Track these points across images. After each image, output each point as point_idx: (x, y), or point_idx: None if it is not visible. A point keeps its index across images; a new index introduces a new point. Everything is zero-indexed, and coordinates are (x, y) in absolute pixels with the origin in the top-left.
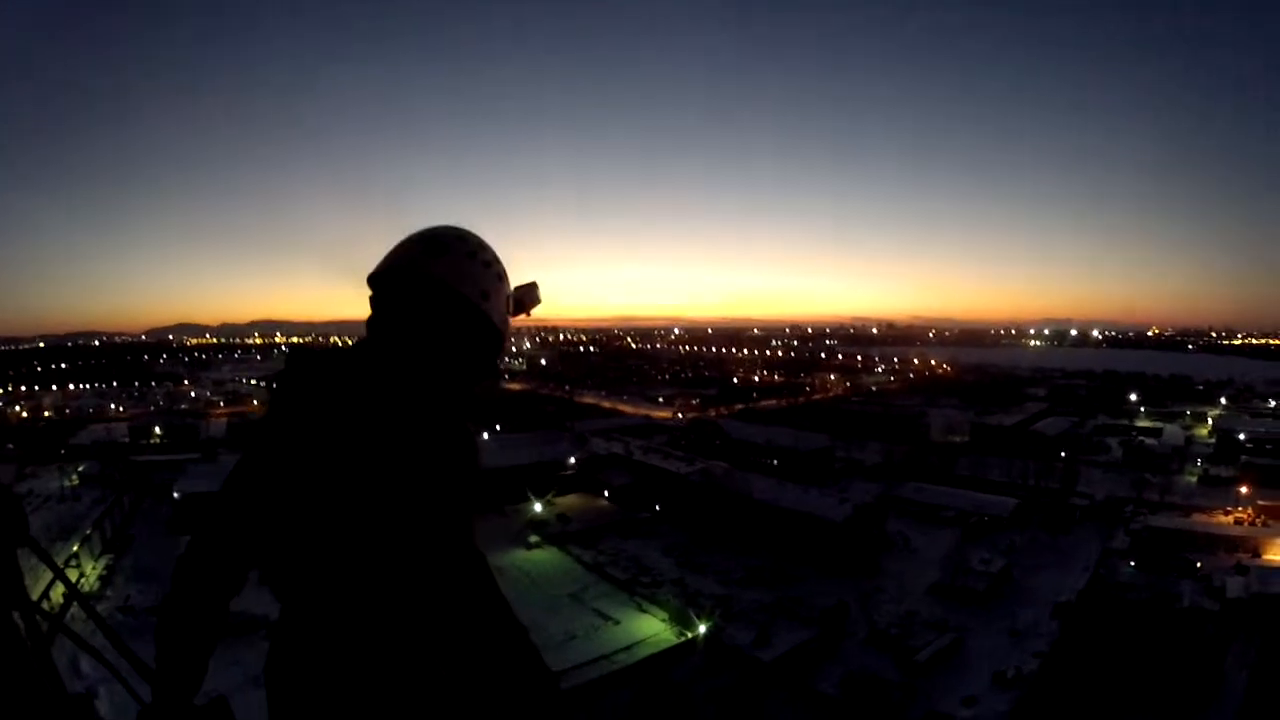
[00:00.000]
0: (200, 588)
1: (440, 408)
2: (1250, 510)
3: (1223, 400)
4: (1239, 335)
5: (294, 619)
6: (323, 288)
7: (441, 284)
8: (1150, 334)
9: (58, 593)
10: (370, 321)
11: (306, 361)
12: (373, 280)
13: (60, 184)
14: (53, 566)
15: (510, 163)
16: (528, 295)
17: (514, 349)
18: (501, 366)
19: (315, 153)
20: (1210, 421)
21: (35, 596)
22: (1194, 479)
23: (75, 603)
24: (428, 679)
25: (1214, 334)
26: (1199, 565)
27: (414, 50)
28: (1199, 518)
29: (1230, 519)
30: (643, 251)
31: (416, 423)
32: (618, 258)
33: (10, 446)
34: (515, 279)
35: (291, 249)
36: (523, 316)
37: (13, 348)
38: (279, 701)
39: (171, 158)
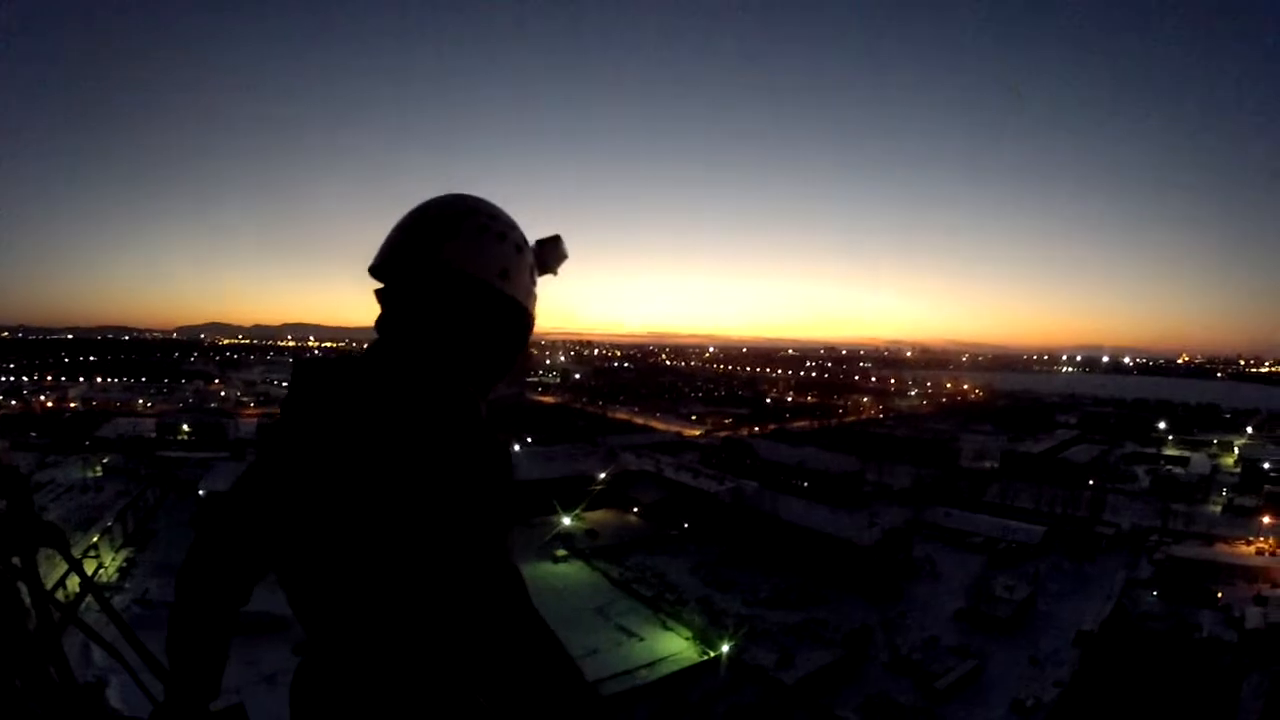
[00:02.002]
0: (204, 596)
1: (466, 410)
2: (1272, 540)
3: (1249, 429)
4: (1266, 363)
5: (316, 638)
6: (357, 293)
7: (456, 271)
8: (1180, 361)
9: (74, 582)
10: (380, 321)
11: (314, 371)
12: (376, 272)
13: (97, 180)
14: (69, 558)
15: (547, 173)
16: (550, 253)
17: (547, 361)
18: (530, 346)
19: (351, 158)
20: (1236, 450)
21: (50, 585)
22: (1218, 508)
23: (90, 594)
24: (457, 701)
25: (1242, 362)
26: (1219, 595)
27: (450, 58)
28: (1221, 547)
29: (1252, 549)
30: (680, 270)
31: (438, 429)
32: (655, 275)
33: (33, 435)
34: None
35: (326, 253)
36: (554, 323)
37: (41, 337)
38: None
39: (209, 159)
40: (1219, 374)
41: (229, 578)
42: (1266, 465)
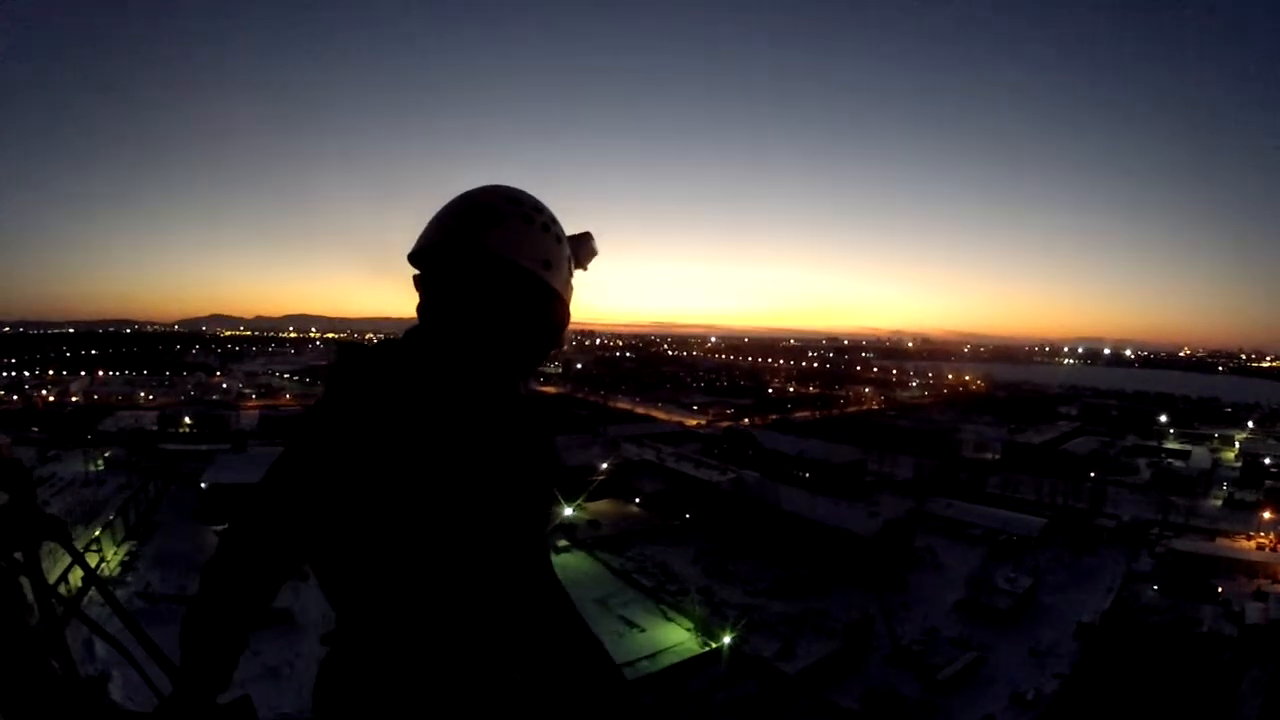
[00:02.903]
0: (234, 589)
1: (513, 396)
2: (1272, 535)
3: (1250, 424)
4: (1268, 358)
5: (350, 625)
6: (357, 284)
7: (500, 259)
8: (1182, 354)
9: (76, 576)
10: (422, 306)
11: (361, 355)
12: (417, 258)
13: (97, 173)
14: (72, 551)
15: (548, 162)
16: (583, 249)
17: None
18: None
19: (351, 149)
20: (1237, 445)
21: (53, 579)
22: (1219, 503)
23: (93, 587)
24: (499, 693)
25: (1244, 356)
26: (1220, 590)
27: (451, 51)
28: (1222, 542)
29: (1252, 544)
30: (682, 260)
31: (490, 416)
32: (657, 265)
33: (35, 430)
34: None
35: (327, 245)
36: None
37: (42, 332)
38: (332, 703)
39: (208, 151)
40: (1220, 368)
41: (264, 572)
42: (1267, 461)
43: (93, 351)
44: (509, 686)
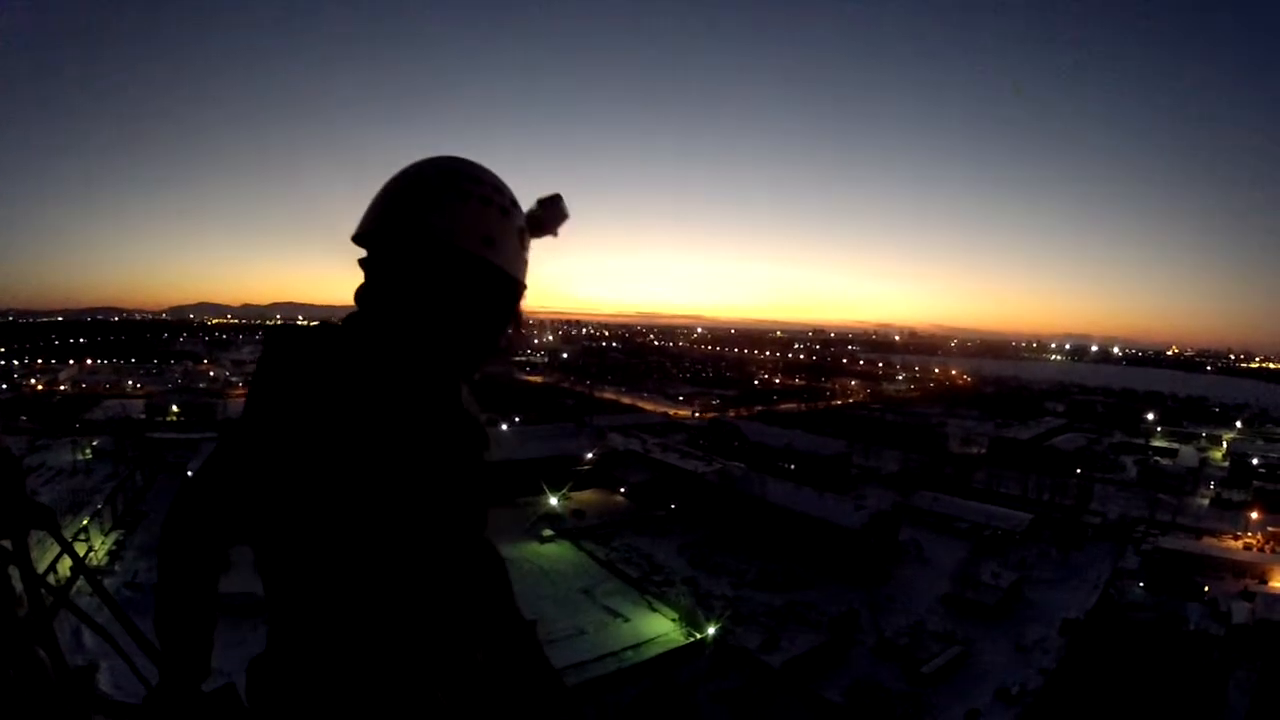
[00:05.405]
0: (183, 573)
1: (444, 385)
2: (1260, 536)
3: (1238, 423)
4: (1257, 358)
5: (284, 615)
6: (343, 272)
7: (436, 240)
8: (1170, 353)
9: (65, 566)
10: (360, 291)
11: (289, 340)
12: (360, 240)
13: (86, 162)
14: (61, 541)
15: (534, 151)
16: (549, 213)
17: (535, 341)
18: (523, 311)
19: (338, 136)
20: (1225, 444)
21: (42, 569)
22: (1207, 502)
23: (81, 577)
24: (426, 682)
25: (1233, 355)
26: (1206, 589)
27: (438, 34)
28: (1209, 541)
29: (1239, 544)
30: (668, 250)
31: (416, 404)
32: (644, 255)
33: (23, 419)
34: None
35: (313, 232)
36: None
37: (31, 320)
38: (264, 699)
39: (196, 139)
40: (1208, 367)
41: (204, 549)
42: (1255, 460)
43: (81, 340)
44: (430, 695)
